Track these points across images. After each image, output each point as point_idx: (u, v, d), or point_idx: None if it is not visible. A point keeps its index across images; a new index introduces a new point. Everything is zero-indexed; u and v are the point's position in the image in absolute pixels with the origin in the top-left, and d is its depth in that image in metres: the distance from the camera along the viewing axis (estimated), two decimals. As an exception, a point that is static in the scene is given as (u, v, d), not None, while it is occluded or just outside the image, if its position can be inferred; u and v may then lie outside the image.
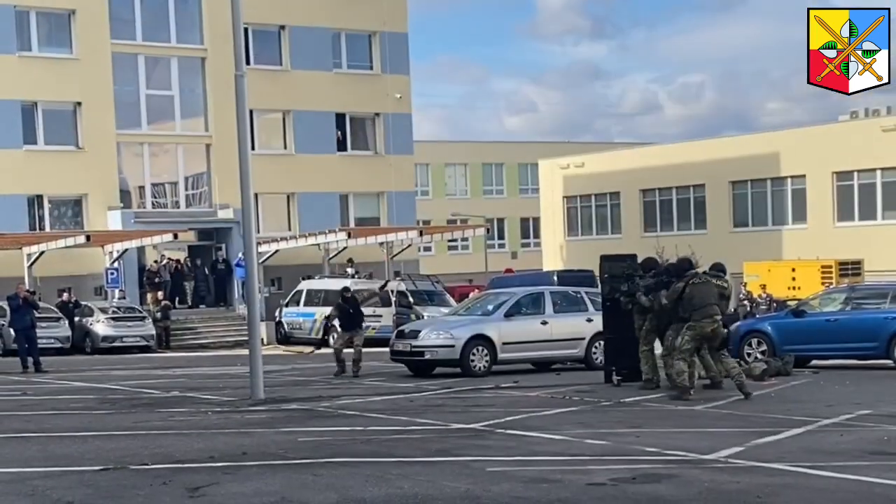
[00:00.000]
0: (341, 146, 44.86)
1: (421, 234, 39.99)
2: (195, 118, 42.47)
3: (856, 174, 43.18)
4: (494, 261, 57.84)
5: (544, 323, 21.14)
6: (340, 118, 44.76)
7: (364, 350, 22.32)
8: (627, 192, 51.63)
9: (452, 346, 20.34)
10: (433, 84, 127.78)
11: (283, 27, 43.24)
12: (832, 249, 39.48)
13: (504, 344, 20.66)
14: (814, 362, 21.13)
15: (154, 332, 35.37)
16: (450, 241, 60.18)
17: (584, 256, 46.66)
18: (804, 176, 44.75)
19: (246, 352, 32.79)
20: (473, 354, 20.47)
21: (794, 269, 36.57)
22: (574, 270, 32.36)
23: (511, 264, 58.09)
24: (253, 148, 41.51)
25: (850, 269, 36.03)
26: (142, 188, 42.25)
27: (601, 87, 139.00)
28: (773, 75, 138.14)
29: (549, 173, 55.87)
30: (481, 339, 20.58)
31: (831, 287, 26.31)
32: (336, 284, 36.22)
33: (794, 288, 35.72)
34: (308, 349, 32.00)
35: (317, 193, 43.62)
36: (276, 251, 39.78)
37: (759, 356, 20.77)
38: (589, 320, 21.79)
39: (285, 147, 43.85)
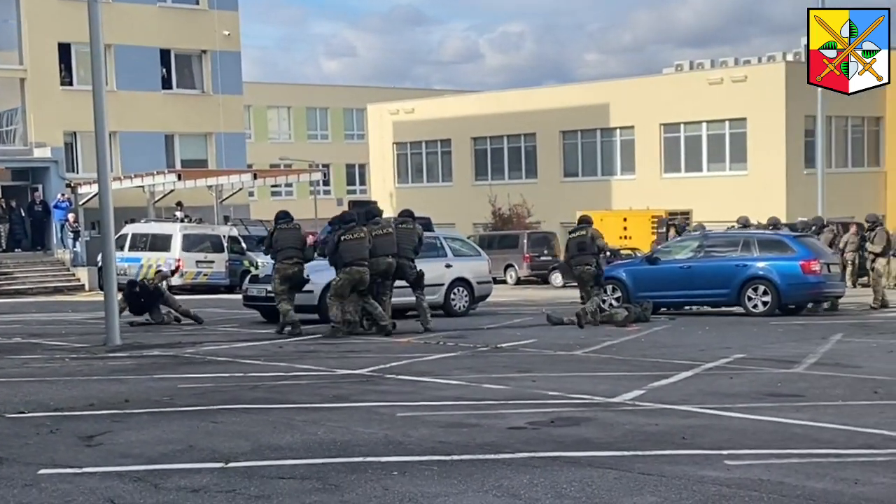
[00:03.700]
0: (166, 84, 43.13)
1: (255, 177, 38.87)
2: (8, 51, 40.02)
3: (682, 126, 44.25)
4: (320, 207, 56.93)
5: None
6: (165, 54, 42.96)
7: (200, 297, 21.30)
8: (458, 139, 51.62)
9: (311, 292, 19.62)
10: (249, 24, 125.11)
11: (102, -44, 40.99)
12: (659, 200, 40.42)
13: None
14: (662, 309, 21.43)
15: (-34, 276, 33.38)
16: (273, 186, 58.93)
17: (414, 204, 46.29)
18: (633, 127, 45.62)
19: (70, 298, 31.86)
20: (331, 299, 19.83)
21: (625, 219, 37.28)
22: (411, 217, 31.90)
23: (338, 211, 57.16)
24: (71, 83, 40.17)
25: (680, 219, 36.88)
26: (-50, 124, 39.71)
27: (422, 33, 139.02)
28: (590, 28, 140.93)
29: (377, 119, 55.31)
30: (339, 285, 19.94)
31: (686, 234, 26.86)
32: (163, 229, 34.96)
33: (625, 237, 36.40)
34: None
35: (140, 133, 41.75)
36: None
37: (613, 303, 20.95)
38: (448, 266, 21.58)
39: (106, 83, 41.47)
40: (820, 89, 23.01)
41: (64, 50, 39.78)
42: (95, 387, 11.39)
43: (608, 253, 21.81)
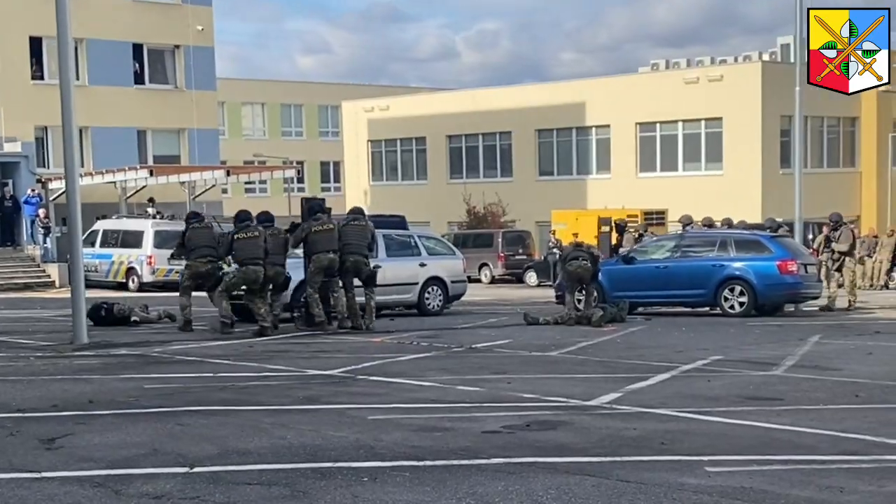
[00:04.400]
0: (139, 79, 42.65)
1: (228, 173, 38.49)
2: (-23, 45, 39.47)
3: (658, 125, 44.10)
4: (294, 205, 56.50)
5: (377, 267, 20.49)
6: (138, 49, 42.45)
7: (172, 294, 20.91)
8: (433, 137, 51.29)
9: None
10: (224, 21, 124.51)
11: (74, -51, 40.41)
12: (635, 199, 40.27)
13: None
14: (639, 309, 21.24)
15: (-66, 272, 32.86)
16: (247, 183, 58.46)
17: (389, 202, 46.22)
18: (608, 126, 45.44)
19: (40, 294, 31.40)
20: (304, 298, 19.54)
21: (600, 218, 36.98)
22: (385, 215, 31.78)
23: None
24: (42, 77, 39.64)
25: (655, 218, 36.77)
26: (-83, 118, 39.02)
27: (397, 30, 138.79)
28: (566, 26, 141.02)
29: (352, 116, 54.91)
30: (311, 283, 19.66)
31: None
32: (135, 225, 34.54)
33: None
34: None
35: (112, 128, 41.26)
36: (78, 186, 37.38)
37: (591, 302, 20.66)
38: (422, 265, 21.37)
39: (78, 78, 41.05)
40: (797, 88, 22.92)
41: (35, 44, 39.28)
42: (59, 387, 11.11)
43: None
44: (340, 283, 18.07)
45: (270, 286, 17.64)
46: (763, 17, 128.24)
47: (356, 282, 18.26)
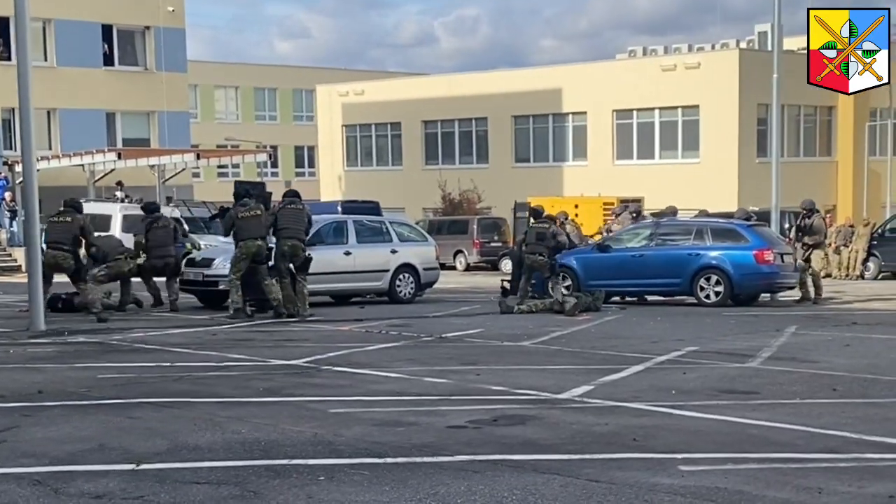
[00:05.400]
0: (108, 60, 42.07)
1: (198, 157, 37.93)
2: (-57, 24, 38.81)
3: (635, 113, 43.85)
4: (267, 189, 55.93)
5: (347, 253, 20.14)
6: (107, 30, 41.92)
7: (135, 280, 20.21)
8: (409, 122, 50.84)
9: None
10: (200, 4, 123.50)
11: (42, -73, 39.74)
12: (611, 187, 40.03)
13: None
14: (613, 298, 20.92)
15: None
16: (219, 167, 57.92)
17: (364, 188, 45.80)
18: (585, 113, 45.17)
19: (6, 279, 30.83)
20: (271, 285, 19.10)
21: (577, 206, 36.72)
22: (358, 201, 31.38)
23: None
24: (9, 58, 38.98)
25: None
26: None
27: (377, 16, 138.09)
28: (546, 13, 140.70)
29: (327, 100, 54.37)
30: (279, 269, 19.23)
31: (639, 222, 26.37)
32: (103, 209, 33.96)
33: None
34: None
35: (80, 110, 40.76)
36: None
37: (563, 291, 20.34)
38: (393, 251, 21.03)
39: (46, 59, 40.58)
40: (774, 76, 22.69)
41: (3, 24, 38.61)
42: (9, 376, 10.72)
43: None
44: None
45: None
46: (741, 6, 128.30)
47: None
